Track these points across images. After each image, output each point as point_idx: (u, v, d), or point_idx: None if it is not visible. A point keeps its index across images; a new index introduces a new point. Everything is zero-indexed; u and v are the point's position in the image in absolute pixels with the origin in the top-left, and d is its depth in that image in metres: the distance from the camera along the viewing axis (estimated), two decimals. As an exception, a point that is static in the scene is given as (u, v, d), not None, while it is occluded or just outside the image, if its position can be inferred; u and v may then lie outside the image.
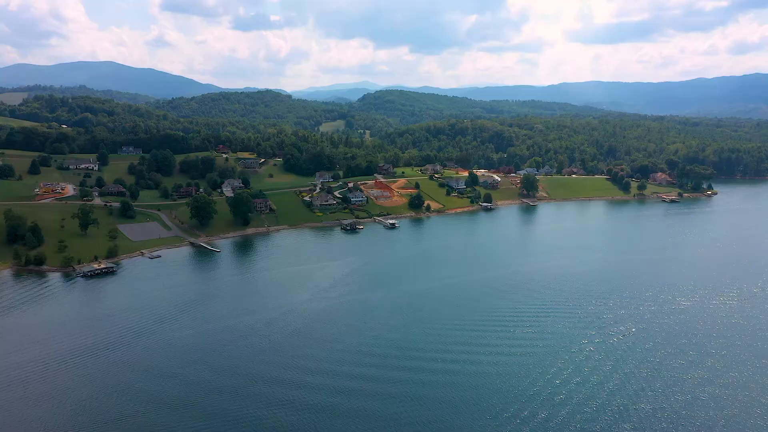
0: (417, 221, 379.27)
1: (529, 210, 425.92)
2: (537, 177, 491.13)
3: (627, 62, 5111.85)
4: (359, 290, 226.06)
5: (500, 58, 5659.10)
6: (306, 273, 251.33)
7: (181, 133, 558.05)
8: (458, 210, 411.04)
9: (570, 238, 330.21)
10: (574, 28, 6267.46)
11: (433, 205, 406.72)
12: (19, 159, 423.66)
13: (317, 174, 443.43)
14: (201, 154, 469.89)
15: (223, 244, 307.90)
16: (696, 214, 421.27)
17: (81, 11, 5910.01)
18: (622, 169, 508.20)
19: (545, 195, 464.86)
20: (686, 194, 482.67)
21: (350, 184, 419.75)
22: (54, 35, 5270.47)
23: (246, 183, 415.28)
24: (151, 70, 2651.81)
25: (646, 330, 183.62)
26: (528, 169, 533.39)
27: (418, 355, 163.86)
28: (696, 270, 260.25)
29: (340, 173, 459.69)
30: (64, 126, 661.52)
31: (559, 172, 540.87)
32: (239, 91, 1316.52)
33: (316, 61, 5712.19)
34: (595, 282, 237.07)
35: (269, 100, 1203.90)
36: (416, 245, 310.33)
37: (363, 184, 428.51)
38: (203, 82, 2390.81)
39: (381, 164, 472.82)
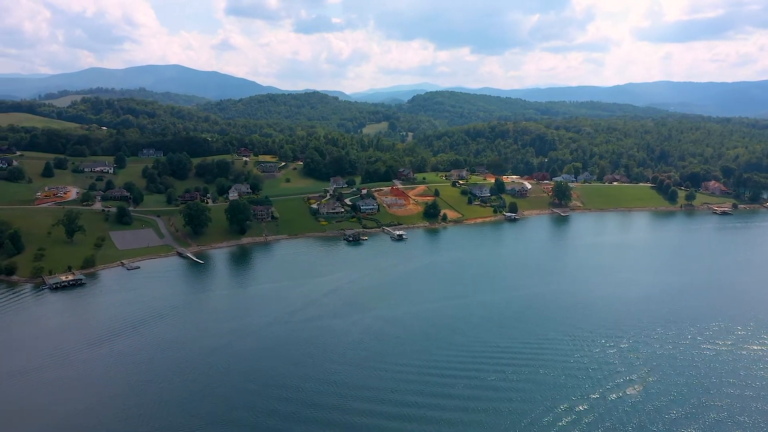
0: (430, 232, 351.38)
1: (558, 221, 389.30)
2: (572, 185, 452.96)
3: (700, 61, 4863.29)
4: (330, 314, 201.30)
5: (564, 58, 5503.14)
6: (282, 291, 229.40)
7: (205, 135, 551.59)
8: (478, 220, 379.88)
9: (593, 256, 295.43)
10: (642, 26, 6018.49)
11: (451, 215, 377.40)
12: (37, 161, 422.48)
13: (331, 179, 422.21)
14: (217, 158, 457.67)
15: (213, 255, 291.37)
16: (750, 229, 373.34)
17: (152, 16, 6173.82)
18: (669, 177, 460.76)
19: (579, 205, 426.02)
20: (742, 205, 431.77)
21: (364, 191, 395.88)
22: (127, 40, 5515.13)
23: (254, 188, 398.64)
24: (215, 73, 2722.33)
25: (657, 391, 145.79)
26: (564, 175, 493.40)
27: (340, 420, 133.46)
28: (738, 301, 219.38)
29: (356, 179, 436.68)
30: (104, 128, 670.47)
31: (599, 179, 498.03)
32: (287, 93, 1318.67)
33: (376, 62, 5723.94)
34: (609, 312, 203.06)
35: (315, 101, 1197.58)
36: (417, 260, 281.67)
37: (378, 190, 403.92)
38: (264, 84, 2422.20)
39: (401, 169, 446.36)
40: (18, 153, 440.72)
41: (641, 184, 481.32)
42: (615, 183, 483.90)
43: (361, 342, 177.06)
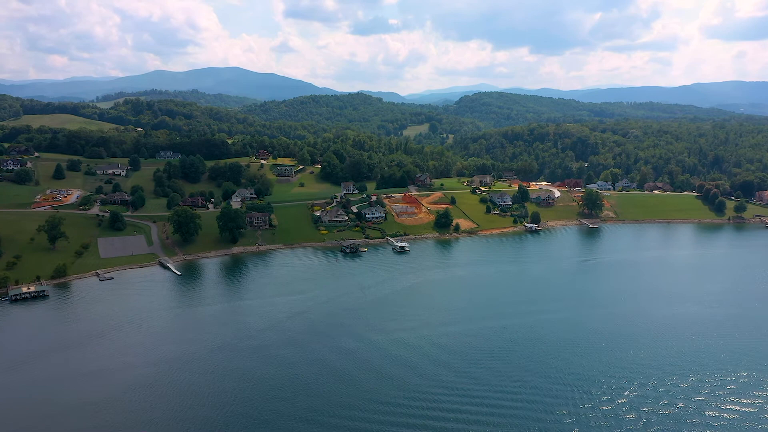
0: (438, 244, 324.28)
1: (585, 234, 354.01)
2: (607, 193, 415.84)
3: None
4: (283, 342, 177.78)
5: (629, 57, 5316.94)
6: (247, 310, 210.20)
7: (235, 138, 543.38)
8: (495, 231, 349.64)
9: (611, 277, 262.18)
10: (712, 23, 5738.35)
11: (464, 225, 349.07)
12: (50, 163, 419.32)
13: (342, 185, 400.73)
14: (230, 161, 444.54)
15: (199, 265, 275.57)
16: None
17: (214, 20, 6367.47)
18: (717, 186, 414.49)
19: (612, 215, 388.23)
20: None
21: (374, 197, 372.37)
22: (190, 43, 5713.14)
23: (260, 193, 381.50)
24: (272, 75, 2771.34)
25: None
26: (600, 182, 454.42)
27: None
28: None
29: (367, 185, 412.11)
30: (139, 129, 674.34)
31: (639, 187, 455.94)
32: (331, 94, 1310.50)
33: (433, 63, 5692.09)
34: (612, 353, 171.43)
35: (358, 103, 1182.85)
36: (411, 278, 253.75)
37: (390, 197, 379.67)
38: (320, 86, 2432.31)
39: (418, 174, 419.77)
40: (36, 155, 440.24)
41: (686, 193, 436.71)
42: (656, 191, 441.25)
43: (299, 379, 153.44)
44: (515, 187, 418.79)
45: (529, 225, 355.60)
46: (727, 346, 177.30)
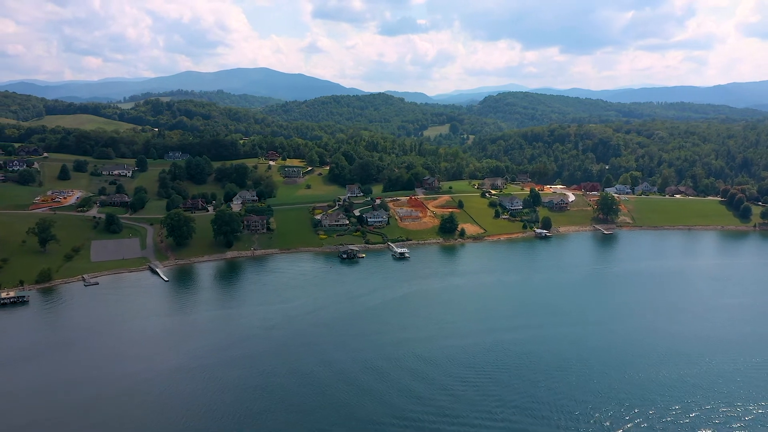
0: (442, 250, 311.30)
1: (598, 240, 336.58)
2: (626, 197, 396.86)
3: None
4: (253, 356, 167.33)
5: (662, 56, 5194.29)
6: (224, 320, 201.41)
7: (237, 137, 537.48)
8: (503, 237, 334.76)
9: (620, 288, 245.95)
10: (750, 21, 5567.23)
11: (471, 230, 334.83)
12: (57, 163, 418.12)
13: (347, 187, 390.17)
14: (237, 162, 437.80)
15: (190, 270, 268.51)
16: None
17: (244, 21, 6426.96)
18: (742, 190, 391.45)
19: (629, 221, 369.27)
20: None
21: (377, 201, 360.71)
22: (220, 44, 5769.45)
23: (263, 195, 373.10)
24: (300, 75, 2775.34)
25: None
26: (619, 185, 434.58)
27: None
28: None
29: (374, 187, 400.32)
30: (156, 129, 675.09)
31: (660, 191, 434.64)
32: (352, 95, 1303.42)
33: (462, 63, 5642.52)
34: (609, 375, 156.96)
35: (379, 103, 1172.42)
36: (405, 286, 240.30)
37: (395, 200, 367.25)
38: (348, 86, 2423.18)
39: (425, 177, 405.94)
40: (44, 155, 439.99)
41: (709, 197, 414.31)
42: (677, 196, 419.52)
43: (241, 404, 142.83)
44: (528, 190, 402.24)
45: (539, 230, 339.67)
46: (742, 371, 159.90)
